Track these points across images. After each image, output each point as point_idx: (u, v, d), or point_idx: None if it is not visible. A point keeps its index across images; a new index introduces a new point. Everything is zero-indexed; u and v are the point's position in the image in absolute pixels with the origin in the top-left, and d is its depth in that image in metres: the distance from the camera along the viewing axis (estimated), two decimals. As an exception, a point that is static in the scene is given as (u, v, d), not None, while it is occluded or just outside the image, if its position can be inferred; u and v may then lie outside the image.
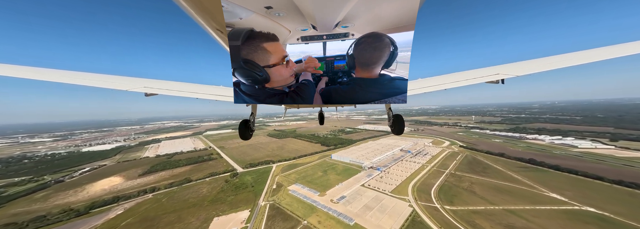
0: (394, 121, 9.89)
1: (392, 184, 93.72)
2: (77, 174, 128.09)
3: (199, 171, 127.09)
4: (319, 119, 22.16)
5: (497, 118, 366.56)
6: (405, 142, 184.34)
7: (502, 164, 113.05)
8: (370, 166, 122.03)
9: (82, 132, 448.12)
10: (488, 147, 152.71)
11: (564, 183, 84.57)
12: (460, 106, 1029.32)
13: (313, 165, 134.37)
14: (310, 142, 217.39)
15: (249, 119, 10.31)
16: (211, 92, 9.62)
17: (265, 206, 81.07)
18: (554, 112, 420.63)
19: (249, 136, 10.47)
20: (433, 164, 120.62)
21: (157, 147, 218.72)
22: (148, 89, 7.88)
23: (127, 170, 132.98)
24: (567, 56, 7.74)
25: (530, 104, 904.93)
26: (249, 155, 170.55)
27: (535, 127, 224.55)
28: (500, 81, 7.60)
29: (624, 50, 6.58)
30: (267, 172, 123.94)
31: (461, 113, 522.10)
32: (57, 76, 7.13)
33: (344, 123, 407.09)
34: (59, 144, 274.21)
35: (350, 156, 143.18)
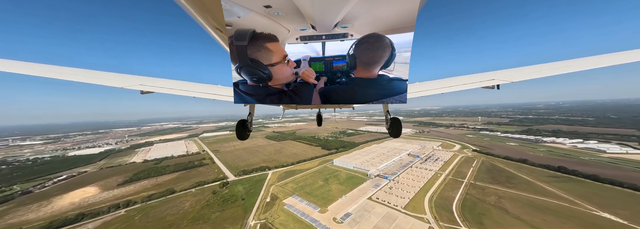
0: (392, 124, 9.98)
1: (405, 197, 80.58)
2: (49, 183, 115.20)
3: (185, 180, 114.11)
4: (317, 120, 22.01)
5: (503, 119, 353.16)
6: (412, 146, 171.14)
7: (527, 172, 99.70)
8: (377, 174, 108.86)
9: (77, 134, 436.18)
10: (504, 151, 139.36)
11: (611, 198, 71.17)
12: (463, 107, 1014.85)
13: (313, 172, 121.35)
14: (310, 145, 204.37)
15: (247, 119, 10.14)
16: (210, 91, 9.49)
17: (255, 227, 67.95)
18: (563, 113, 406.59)
19: (246, 136, 10.32)
20: (447, 171, 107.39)
21: (148, 151, 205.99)
22: (144, 87, 7.72)
23: (107, 178, 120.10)
24: (562, 63, 7.91)
25: (534, 104, 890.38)
26: (244, 160, 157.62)
27: (549, 129, 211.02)
28: (495, 87, 7.70)
29: (617, 58, 6.77)
30: (261, 180, 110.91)
31: (465, 114, 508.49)
32: (51, 71, 6.98)
33: (345, 125, 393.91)
34: (47, 148, 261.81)
35: (354, 161, 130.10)
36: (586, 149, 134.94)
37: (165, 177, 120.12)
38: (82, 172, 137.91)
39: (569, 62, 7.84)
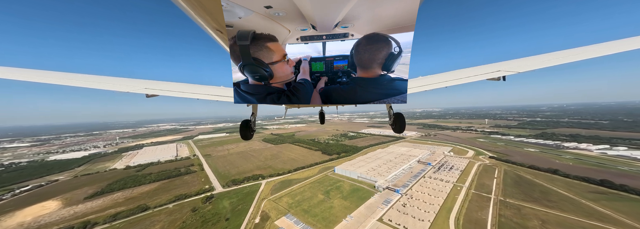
0: (395, 120, 9.80)
1: (424, 219, 65.85)
2: (8, 196, 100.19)
3: (165, 192, 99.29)
4: (320, 118, 21.79)
5: (511, 122, 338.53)
6: (421, 151, 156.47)
7: (563, 186, 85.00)
8: (386, 186, 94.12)
9: (69, 136, 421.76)
10: (526, 159, 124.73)
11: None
12: (465, 109, 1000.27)
13: (312, 182, 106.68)
14: (310, 149, 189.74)
15: (250, 119, 10.35)
16: (211, 92, 9.55)
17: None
18: (571, 115, 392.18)
19: (250, 136, 10.50)
20: (467, 183, 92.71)
21: (135, 156, 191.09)
22: (149, 90, 7.88)
23: (76, 189, 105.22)
24: (567, 52, 7.71)
25: (537, 106, 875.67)
26: (236, 166, 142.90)
27: (565, 134, 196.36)
28: (501, 78, 7.43)
29: (623, 45, 6.55)
30: (252, 193, 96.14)
31: (469, 116, 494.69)
32: (59, 78, 7.10)
33: (346, 127, 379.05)
34: (31, 151, 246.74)
35: (358, 169, 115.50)
36: (619, 157, 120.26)
37: (143, 188, 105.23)
38: (53, 181, 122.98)
39: (576, 50, 7.58)
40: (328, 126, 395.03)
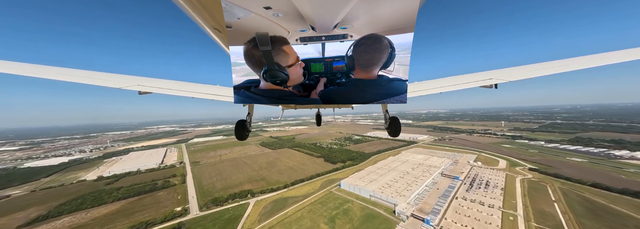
0: (391, 123, 9.91)
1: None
2: None
3: (126, 216, 77.92)
4: (317, 120, 21.54)
5: (530, 124, 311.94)
6: (439, 160, 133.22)
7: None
8: (411, 212, 71.36)
9: (64, 139, 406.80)
10: (578, 172, 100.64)
11: None
12: (472, 110, 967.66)
13: (312, 203, 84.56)
14: (311, 155, 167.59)
15: (246, 120, 10.03)
16: (208, 91, 9.17)
17: None
18: (592, 117, 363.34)
19: (245, 137, 10.20)
20: (520, 210, 69.50)
21: (116, 162, 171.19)
22: (141, 87, 7.47)
23: (20, 211, 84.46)
24: (559, 62, 7.82)
25: (550, 108, 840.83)
26: (224, 178, 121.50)
27: (604, 138, 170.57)
28: (493, 86, 7.55)
29: (612, 57, 6.54)
30: (235, 219, 74.27)
31: (479, 118, 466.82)
32: (49, 72, 6.84)
33: (349, 129, 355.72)
34: (13, 155, 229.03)
35: (370, 185, 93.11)
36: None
37: (102, 209, 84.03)
38: (5, 196, 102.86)
39: (567, 61, 7.66)
40: (331, 129, 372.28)
